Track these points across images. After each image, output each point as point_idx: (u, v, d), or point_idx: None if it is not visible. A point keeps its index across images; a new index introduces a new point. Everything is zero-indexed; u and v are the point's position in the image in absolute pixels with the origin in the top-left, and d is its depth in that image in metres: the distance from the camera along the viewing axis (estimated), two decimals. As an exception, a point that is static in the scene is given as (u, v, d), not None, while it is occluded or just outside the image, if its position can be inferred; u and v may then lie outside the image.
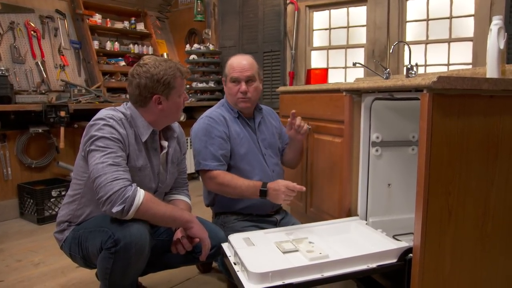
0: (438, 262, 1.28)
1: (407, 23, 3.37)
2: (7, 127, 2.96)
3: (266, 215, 1.86)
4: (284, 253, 1.34)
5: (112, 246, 1.27)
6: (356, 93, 1.66)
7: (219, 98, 4.01)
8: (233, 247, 1.37)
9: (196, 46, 4.26)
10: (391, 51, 2.69)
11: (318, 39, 3.99)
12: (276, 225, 1.84)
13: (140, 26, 4.44)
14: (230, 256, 1.37)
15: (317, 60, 4.01)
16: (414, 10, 3.33)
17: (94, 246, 1.34)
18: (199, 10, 4.38)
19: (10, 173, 3.00)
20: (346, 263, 1.24)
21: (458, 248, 1.30)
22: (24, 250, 2.39)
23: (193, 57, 4.19)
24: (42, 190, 2.90)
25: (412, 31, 3.37)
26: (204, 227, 1.46)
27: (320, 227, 1.59)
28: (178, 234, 1.50)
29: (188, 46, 4.36)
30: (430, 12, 3.24)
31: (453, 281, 1.31)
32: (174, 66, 1.45)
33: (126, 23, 4.30)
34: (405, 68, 2.67)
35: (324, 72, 3.49)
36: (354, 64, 2.87)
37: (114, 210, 1.25)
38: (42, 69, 3.49)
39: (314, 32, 3.98)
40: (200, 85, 4.21)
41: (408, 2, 3.34)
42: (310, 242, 1.42)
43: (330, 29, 3.88)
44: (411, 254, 1.29)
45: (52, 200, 2.93)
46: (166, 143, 1.58)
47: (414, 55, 2.70)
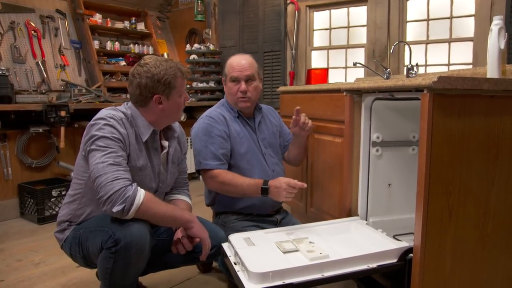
0: (438, 262, 1.28)
1: (408, 23, 3.37)
2: (8, 127, 2.96)
3: (267, 215, 1.86)
4: (284, 253, 1.34)
5: (112, 245, 1.27)
6: (356, 93, 1.66)
7: (220, 98, 4.01)
8: (233, 247, 1.37)
9: (196, 46, 4.26)
10: (392, 51, 2.69)
11: (319, 39, 3.99)
12: (276, 225, 1.84)
13: (140, 26, 4.44)
14: (230, 256, 1.38)
15: (317, 60, 4.01)
16: (415, 10, 3.33)
17: (94, 246, 1.34)
18: (200, 10, 4.38)
19: (11, 172, 3.00)
20: (346, 263, 1.24)
21: (458, 248, 1.30)
22: (24, 249, 2.39)
23: (193, 57, 4.19)
24: (43, 190, 2.91)
25: (412, 31, 3.37)
26: (204, 227, 1.46)
27: (320, 227, 1.59)
28: (179, 234, 1.50)
29: (188, 46, 4.36)
30: (430, 12, 3.24)
31: (453, 281, 1.31)
32: (174, 66, 1.45)
33: (127, 23, 4.30)
34: (405, 68, 2.67)
35: (324, 72, 3.49)
36: (355, 64, 2.87)
37: (115, 209, 1.25)
38: (42, 68, 3.50)
39: (315, 32, 3.98)
40: (200, 85, 4.21)
41: (408, 2, 3.34)
42: (311, 242, 1.42)
43: (330, 29, 3.88)
44: (412, 254, 1.29)
45: (52, 199, 2.93)
46: (166, 143, 1.58)
47: (414, 55, 2.70)
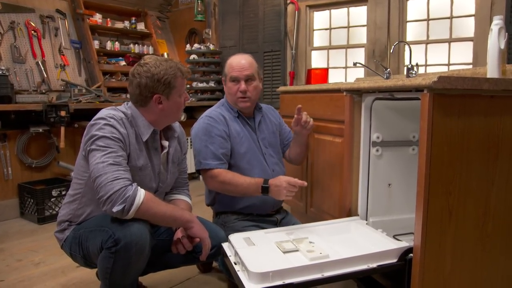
0: (438, 262, 1.28)
1: (408, 23, 3.37)
2: (8, 127, 2.96)
3: (267, 215, 1.86)
4: (284, 253, 1.34)
5: (112, 245, 1.27)
6: (356, 93, 1.66)
7: (220, 98, 4.01)
8: (233, 247, 1.37)
9: (196, 46, 4.26)
10: (392, 51, 2.69)
11: (319, 39, 3.99)
12: (276, 224, 1.84)
13: (140, 26, 4.44)
14: (230, 255, 1.37)
15: (317, 60, 4.01)
16: (415, 10, 3.33)
17: (94, 246, 1.34)
18: (200, 10, 4.38)
19: (11, 172, 3.00)
20: (346, 263, 1.24)
21: (458, 248, 1.30)
22: (24, 249, 2.39)
23: (193, 57, 4.19)
24: (43, 189, 2.91)
25: (412, 31, 3.37)
26: (204, 227, 1.46)
27: (320, 227, 1.59)
28: (179, 234, 1.50)
29: (188, 46, 4.36)
30: (430, 12, 3.24)
31: (453, 281, 1.31)
32: (174, 65, 1.45)
33: (127, 23, 4.30)
34: (405, 68, 2.67)
35: (324, 72, 3.49)
36: (355, 64, 2.87)
37: (115, 209, 1.25)
38: (42, 68, 3.49)
39: (315, 32, 3.98)
40: (200, 85, 4.21)
41: (408, 2, 3.34)
42: (311, 242, 1.42)
43: (330, 29, 3.88)
44: (412, 254, 1.29)
45: (52, 199, 2.93)
46: (166, 143, 1.58)
47: (414, 55, 2.70)
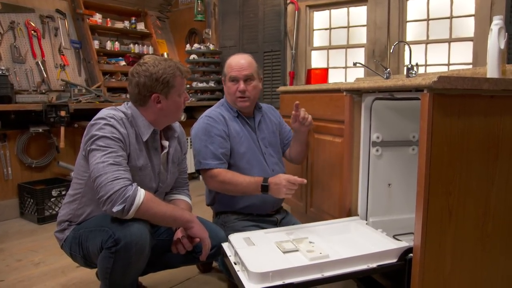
0: (438, 262, 1.28)
1: (408, 23, 3.37)
2: (8, 127, 2.96)
3: (267, 215, 1.86)
4: (284, 253, 1.34)
5: (112, 245, 1.27)
6: (356, 93, 1.66)
7: (219, 98, 4.01)
8: (233, 247, 1.37)
9: (196, 46, 4.26)
10: (392, 51, 2.69)
11: (319, 39, 3.99)
12: (276, 224, 1.84)
13: (140, 26, 4.44)
14: (230, 255, 1.37)
15: (317, 60, 4.01)
16: (415, 10, 3.33)
17: (94, 246, 1.34)
18: (200, 10, 4.38)
19: (11, 172, 3.00)
20: (346, 263, 1.24)
21: (458, 248, 1.30)
22: (24, 249, 2.39)
23: (193, 57, 4.19)
24: (43, 189, 2.91)
25: (412, 31, 3.37)
26: (204, 227, 1.46)
27: (320, 227, 1.59)
28: (179, 234, 1.50)
29: (188, 46, 4.36)
30: (430, 12, 3.24)
31: (453, 281, 1.31)
32: (173, 65, 1.45)
33: (127, 23, 4.30)
34: (405, 68, 2.67)
35: (324, 72, 3.49)
36: (355, 64, 2.87)
37: (115, 209, 1.25)
38: (42, 68, 3.49)
39: (315, 32, 3.98)
40: (200, 85, 4.21)
41: (408, 2, 3.34)
42: (311, 242, 1.42)
43: (330, 29, 3.88)
44: (411, 254, 1.29)
45: (52, 199, 2.93)
46: (167, 143, 1.58)
47: (414, 55, 2.70)
